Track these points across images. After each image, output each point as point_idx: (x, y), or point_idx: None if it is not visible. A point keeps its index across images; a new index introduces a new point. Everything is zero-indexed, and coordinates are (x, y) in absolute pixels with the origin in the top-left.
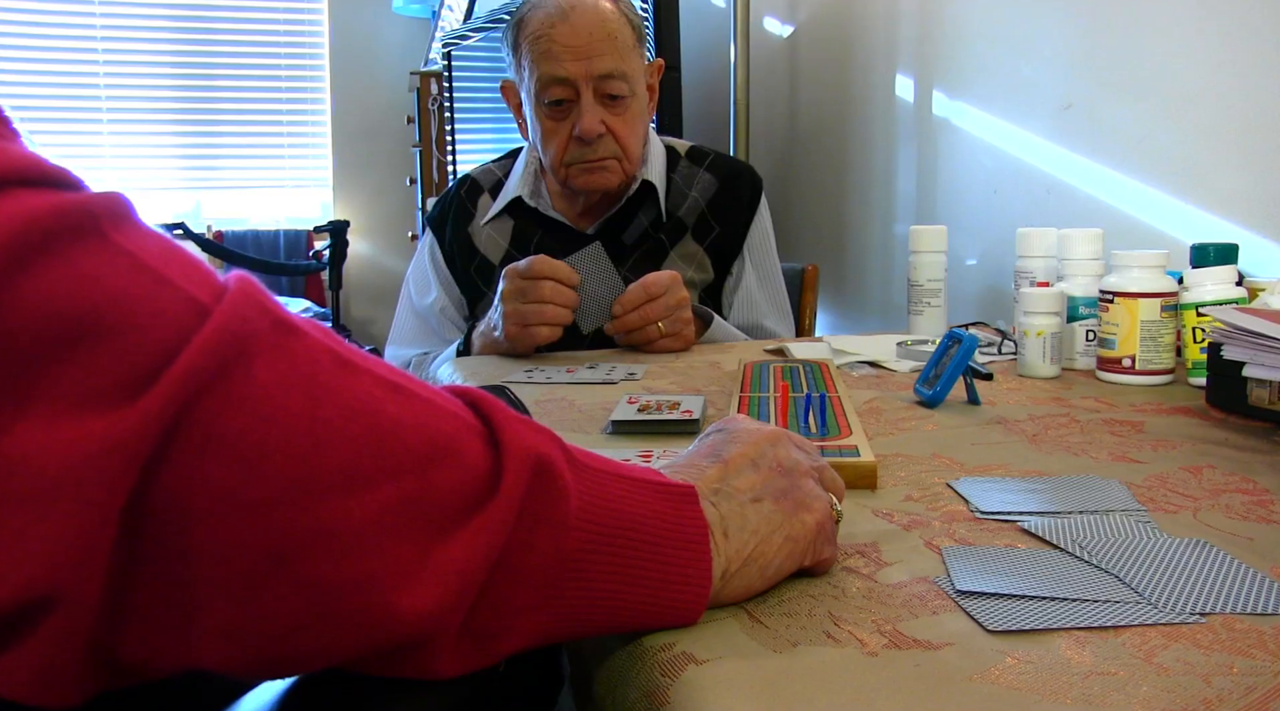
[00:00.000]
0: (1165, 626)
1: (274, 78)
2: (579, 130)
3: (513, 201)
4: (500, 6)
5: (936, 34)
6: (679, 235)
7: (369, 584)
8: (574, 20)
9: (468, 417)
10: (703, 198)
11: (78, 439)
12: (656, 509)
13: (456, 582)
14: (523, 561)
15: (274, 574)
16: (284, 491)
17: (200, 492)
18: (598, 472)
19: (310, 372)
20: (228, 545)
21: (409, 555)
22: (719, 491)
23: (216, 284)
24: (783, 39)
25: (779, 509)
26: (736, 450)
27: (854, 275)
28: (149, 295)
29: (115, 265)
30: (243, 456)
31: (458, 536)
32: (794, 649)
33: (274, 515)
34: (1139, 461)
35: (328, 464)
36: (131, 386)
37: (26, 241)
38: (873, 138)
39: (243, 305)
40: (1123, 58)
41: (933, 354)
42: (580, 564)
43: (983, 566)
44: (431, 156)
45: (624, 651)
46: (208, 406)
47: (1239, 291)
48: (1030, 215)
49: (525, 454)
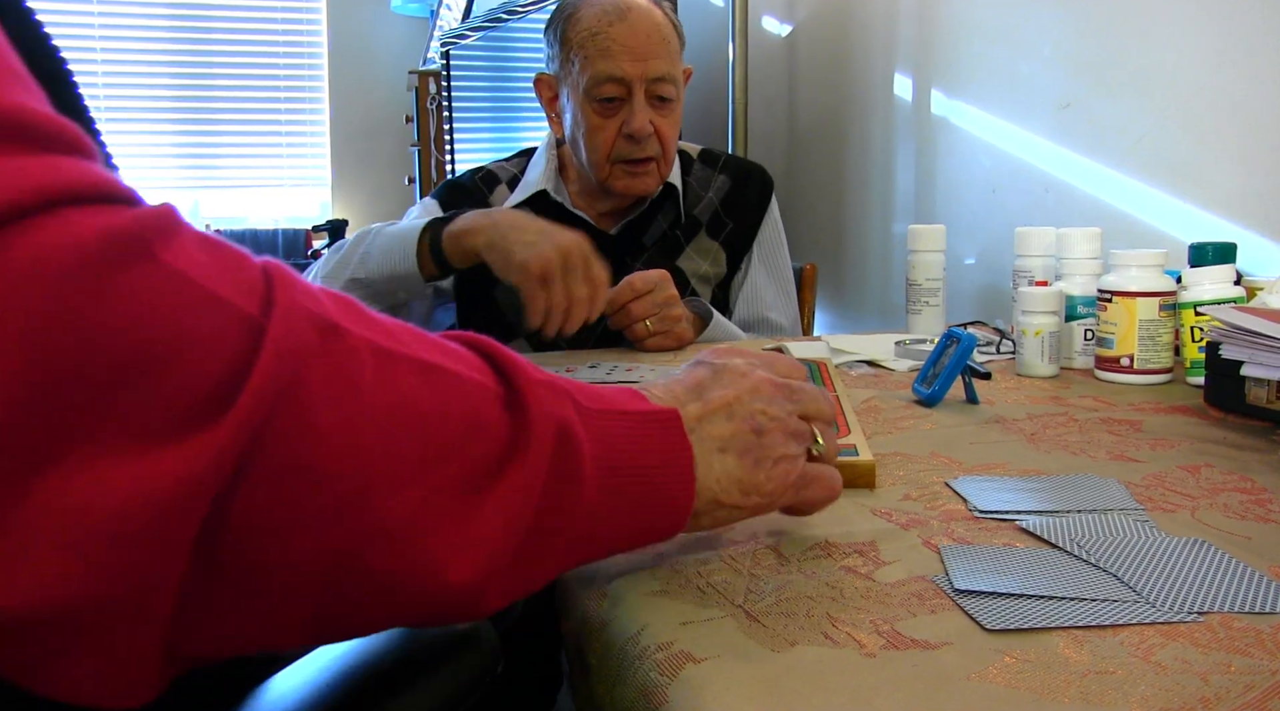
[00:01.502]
0: (1163, 625)
1: (272, 77)
2: (630, 129)
3: (534, 196)
4: (499, 5)
5: (935, 33)
6: (694, 231)
7: (424, 566)
8: (632, 20)
9: (489, 383)
10: (717, 197)
11: (149, 476)
12: (648, 439)
13: (498, 548)
14: (552, 521)
15: (340, 573)
16: (345, 498)
17: (270, 513)
18: (600, 414)
19: (355, 377)
20: (297, 554)
21: (455, 533)
22: (693, 431)
23: (259, 284)
24: (781, 38)
25: (740, 464)
26: (717, 394)
27: (852, 274)
28: (202, 318)
29: (167, 289)
30: (307, 474)
31: (494, 504)
32: (792, 648)
33: (337, 521)
34: (1137, 460)
35: (379, 465)
36: (196, 416)
37: (79, 270)
38: (871, 137)
39: (289, 317)
40: (1121, 57)
41: (931, 353)
42: (596, 507)
43: (981, 565)
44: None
45: (623, 651)
46: (273, 432)
47: (1237, 290)
48: (1029, 214)
49: (548, 421)
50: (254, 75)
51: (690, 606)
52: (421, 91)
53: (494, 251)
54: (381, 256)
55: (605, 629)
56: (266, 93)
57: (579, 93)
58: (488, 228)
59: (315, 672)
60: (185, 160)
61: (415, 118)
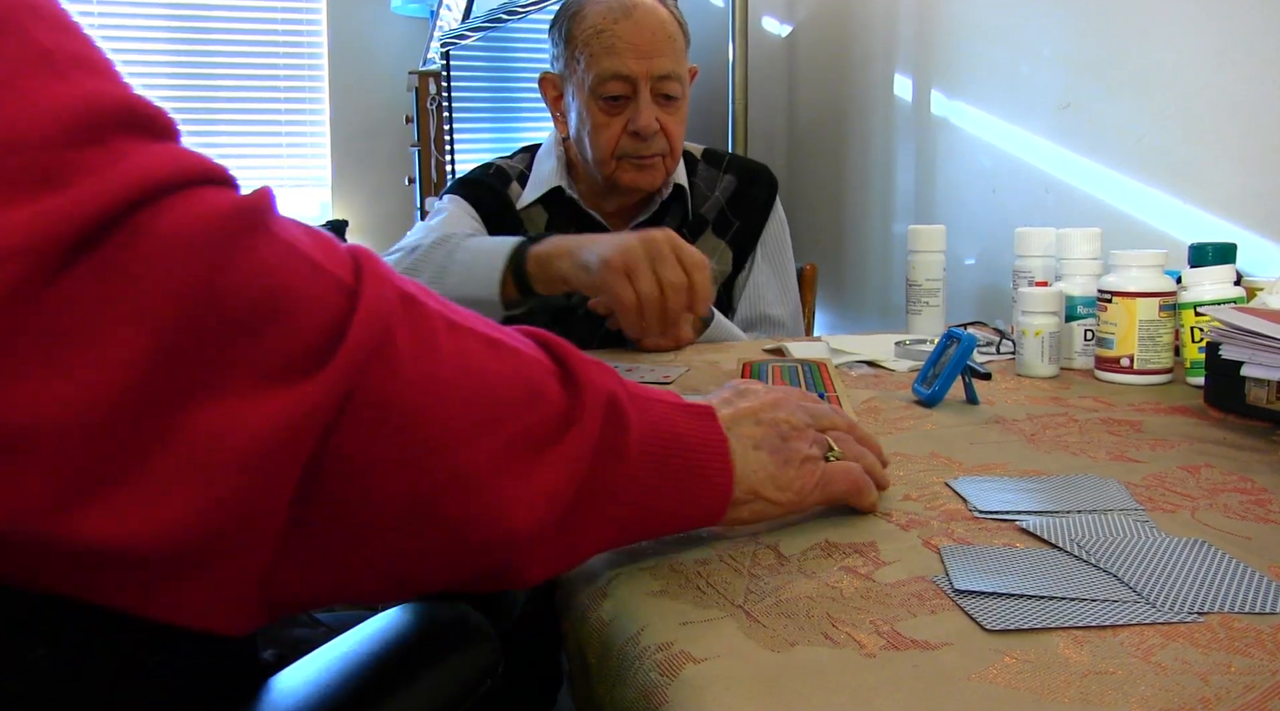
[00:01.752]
0: (1163, 625)
1: (272, 77)
2: (636, 126)
3: (548, 193)
4: (499, 6)
5: (935, 33)
6: (700, 229)
7: (491, 513)
8: (637, 18)
9: (545, 361)
10: (723, 196)
11: (270, 412)
12: (688, 424)
13: (552, 504)
14: (601, 484)
15: (419, 515)
16: (423, 446)
17: (363, 451)
18: (645, 400)
19: (432, 339)
20: (383, 494)
21: (514, 487)
22: (730, 429)
23: (348, 258)
24: (781, 38)
25: (773, 460)
26: (745, 404)
27: (852, 274)
28: (309, 280)
29: (282, 255)
30: (395, 419)
31: (550, 465)
32: (792, 648)
33: (417, 467)
34: (1137, 460)
35: (452, 419)
36: (306, 363)
37: (219, 235)
38: (871, 137)
39: (377, 284)
40: (1121, 57)
41: (931, 353)
42: (641, 481)
43: (981, 565)
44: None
45: (623, 651)
46: (369, 378)
47: (1237, 291)
48: (1029, 214)
49: (598, 392)
50: (254, 75)
51: (690, 606)
52: (421, 92)
53: (573, 260)
54: (461, 275)
55: (605, 629)
56: (266, 93)
57: (584, 91)
58: (571, 245)
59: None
60: None
61: (415, 118)
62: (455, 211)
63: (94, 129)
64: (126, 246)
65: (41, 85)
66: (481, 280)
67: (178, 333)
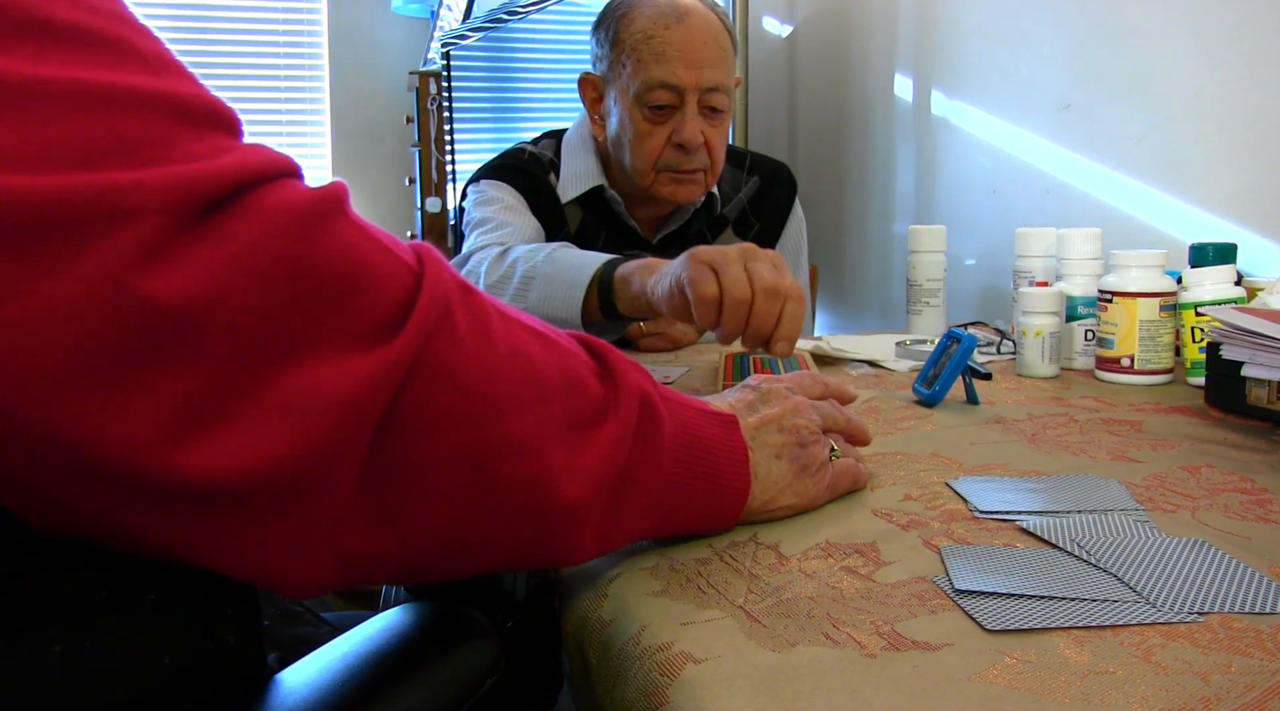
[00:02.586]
0: (1163, 625)
1: (272, 77)
2: (681, 138)
3: (589, 191)
4: (499, 6)
5: (935, 34)
6: (720, 228)
7: (538, 479)
8: (689, 25)
9: (585, 358)
10: (746, 197)
11: (354, 370)
12: (714, 432)
13: (597, 482)
14: (638, 475)
15: (473, 476)
16: (479, 410)
17: (426, 413)
18: (675, 403)
19: (486, 321)
20: (440, 454)
21: (561, 458)
22: (754, 439)
23: (409, 248)
24: (781, 38)
25: (791, 469)
26: (769, 411)
27: (853, 275)
28: (383, 260)
29: (359, 236)
30: (454, 384)
31: (593, 444)
32: (792, 649)
33: (473, 428)
34: (1137, 461)
35: (504, 389)
36: (383, 330)
37: (312, 216)
38: (872, 137)
39: (438, 269)
40: (1121, 58)
41: (931, 353)
42: (672, 477)
43: (981, 565)
44: (430, 156)
45: (624, 651)
46: (435, 348)
47: (1238, 291)
48: (1029, 215)
49: (634, 388)
50: (254, 76)
51: (690, 606)
52: (422, 92)
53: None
54: (543, 289)
55: (605, 629)
56: (266, 93)
57: (628, 97)
58: (658, 261)
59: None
60: None
61: (416, 118)
62: (510, 201)
63: (193, 125)
64: (240, 217)
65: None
66: (560, 300)
67: (282, 293)
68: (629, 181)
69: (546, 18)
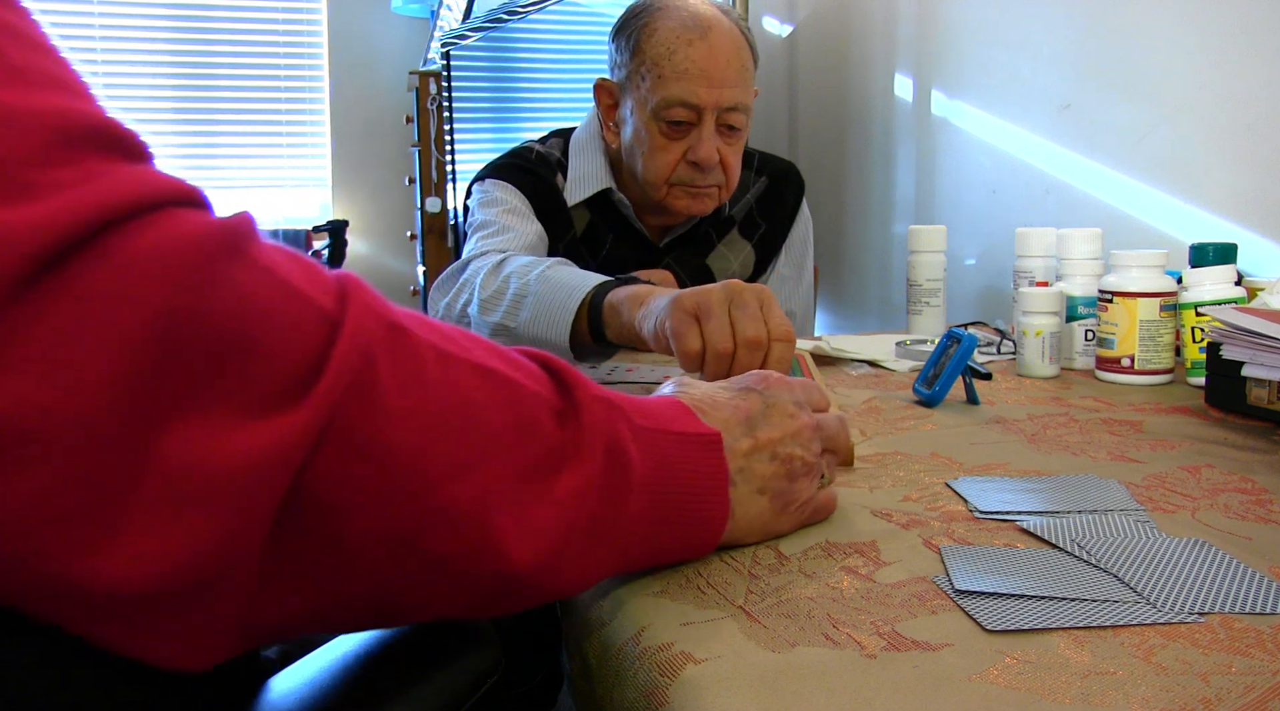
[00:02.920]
0: (1164, 626)
1: (272, 77)
2: (696, 157)
3: (596, 194)
4: (499, 6)
5: (935, 34)
6: (727, 229)
7: (481, 549)
8: (713, 42)
9: (547, 394)
10: (754, 197)
11: (245, 446)
12: (692, 460)
13: (550, 543)
14: (600, 528)
15: (401, 553)
16: (406, 482)
17: (340, 488)
18: (651, 433)
19: (419, 371)
20: (361, 532)
21: (509, 521)
22: (741, 469)
23: (334, 286)
24: (781, 38)
25: (771, 507)
26: (767, 433)
27: (853, 275)
28: (288, 308)
29: (260, 281)
30: (375, 455)
31: (548, 502)
32: (792, 649)
33: (398, 504)
34: (1138, 461)
35: (438, 454)
36: (283, 395)
37: (191, 259)
38: (871, 137)
39: (362, 314)
40: (1122, 58)
41: (932, 353)
42: (640, 521)
43: (981, 566)
44: (430, 156)
45: (624, 651)
46: (348, 414)
47: (1238, 291)
48: (1029, 215)
49: (599, 428)
50: (254, 75)
51: (690, 607)
52: (422, 92)
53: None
54: (533, 309)
55: (605, 629)
56: (266, 93)
57: (645, 110)
58: (648, 291)
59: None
60: (185, 160)
61: (415, 118)
62: (514, 203)
63: (65, 147)
64: (97, 266)
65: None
66: (547, 322)
67: (149, 358)
68: (639, 188)
69: (546, 18)
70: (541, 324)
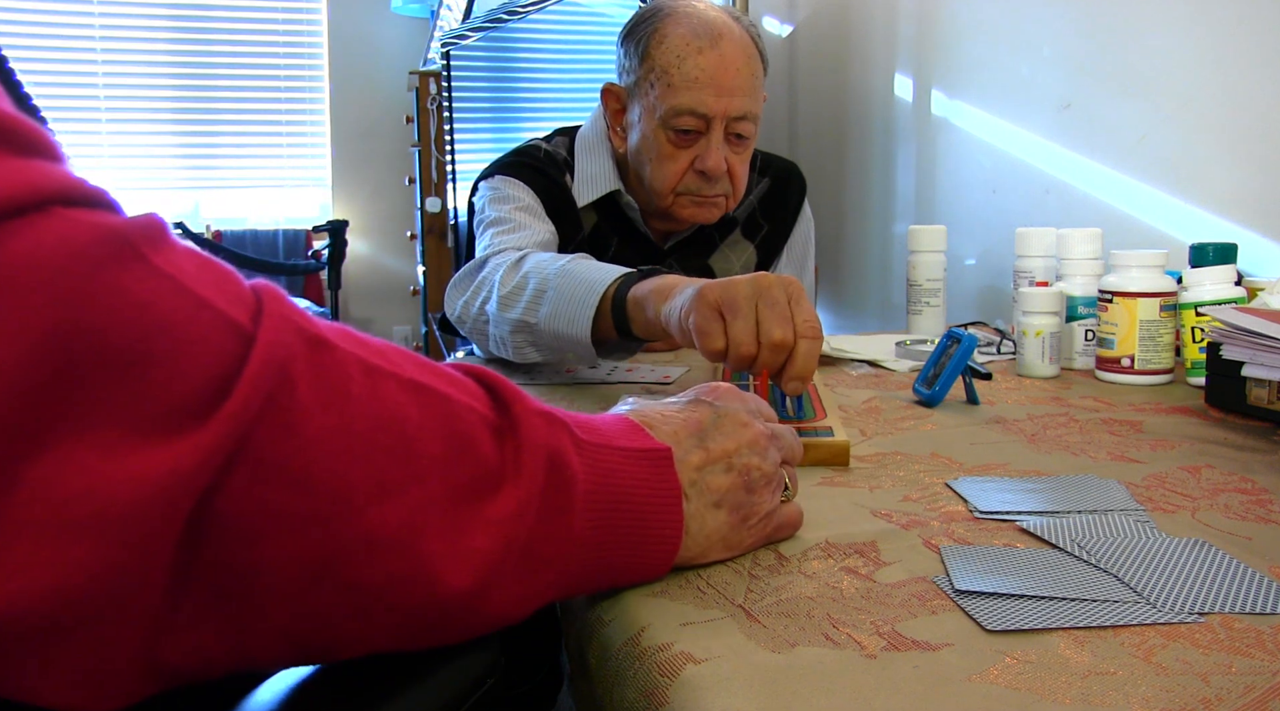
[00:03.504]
0: (1164, 626)
1: (273, 77)
2: (704, 166)
3: (604, 196)
4: (499, 6)
5: (935, 33)
6: (729, 229)
7: (410, 576)
8: (724, 50)
9: (484, 410)
10: (756, 198)
11: (138, 471)
12: (641, 476)
13: (486, 566)
14: (541, 548)
15: (322, 581)
16: (327, 507)
17: (252, 514)
18: (596, 448)
19: (343, 388)
20: (278, 560)
21: (440, 545)
22: (694, 483)
23: (249, 298)
24: (782, 38)
25: (729, 521)
26: (718, 445)
27: (853, 275)
28: (192, 320)
29: (158, 290)
30: (291, 478)
31: (482, 524)
32: (792, 649)
33: (319, 529)
34: (1138, 461)
35: (363, 476)
36: (184, 414)
37: (72, 266)
38: (871, 137)
39: (279, 327)
40: (1122, 57)
41: (932, 353)
42: (585, 539)
43: (981, 566)
44: (430, 156)
45: (624, 651)
46: (260, 436)
47: (1238, 291)
48: (1029, 215)
49: (539, 446)
50: (254, 75)
51: (690, 607)
52: (422, 92)
53: (670, 300)
54: (554, 304)
55: (605, 629)
56: (266, 93)
57: (654, 117)
58: (675, 282)
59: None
60: (185, 160)
61: (415, 118)
62: (527, 201)
63: None
64: None
65: None
66: (567, 317)
67: (25, 374)
68: (645, 193)
69: (546, 18)
70: (562, 319)
